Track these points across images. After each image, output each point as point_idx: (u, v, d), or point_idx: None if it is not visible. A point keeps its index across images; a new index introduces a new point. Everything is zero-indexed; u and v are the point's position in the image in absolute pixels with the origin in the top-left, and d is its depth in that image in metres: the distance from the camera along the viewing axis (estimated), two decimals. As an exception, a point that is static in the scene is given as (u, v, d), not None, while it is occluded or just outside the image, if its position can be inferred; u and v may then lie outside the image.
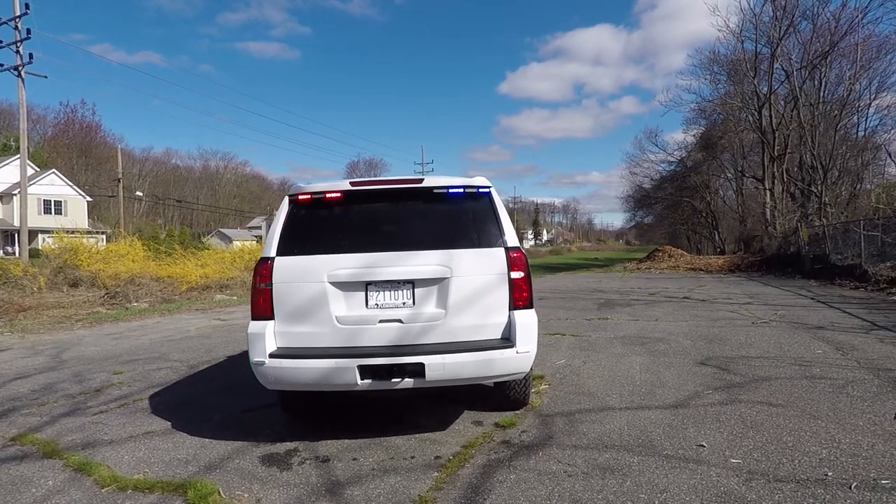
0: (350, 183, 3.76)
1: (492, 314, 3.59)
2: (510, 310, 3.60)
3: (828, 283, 15.16)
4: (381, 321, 3.52)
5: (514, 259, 3.62)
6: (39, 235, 39.70)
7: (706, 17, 55.38)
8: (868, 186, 30.54)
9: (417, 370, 3.36)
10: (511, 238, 3.69)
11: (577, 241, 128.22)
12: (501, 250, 3.64)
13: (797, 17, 27.73)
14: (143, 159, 78.80)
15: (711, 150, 42.76)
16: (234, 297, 17.38)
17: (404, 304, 3.56)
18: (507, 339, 3.55)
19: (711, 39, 76.22)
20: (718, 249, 44.19)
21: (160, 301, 15.81)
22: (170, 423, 4.26)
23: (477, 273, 3.57)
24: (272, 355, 3.45)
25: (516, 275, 3.60)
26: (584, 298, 13.10)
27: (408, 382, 3.41)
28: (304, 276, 3.55)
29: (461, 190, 3.77)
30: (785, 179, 29.36)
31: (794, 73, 27.95)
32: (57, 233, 22.05)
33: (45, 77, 26.30)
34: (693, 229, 54.95)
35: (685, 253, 32.60)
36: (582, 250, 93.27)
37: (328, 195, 3.75)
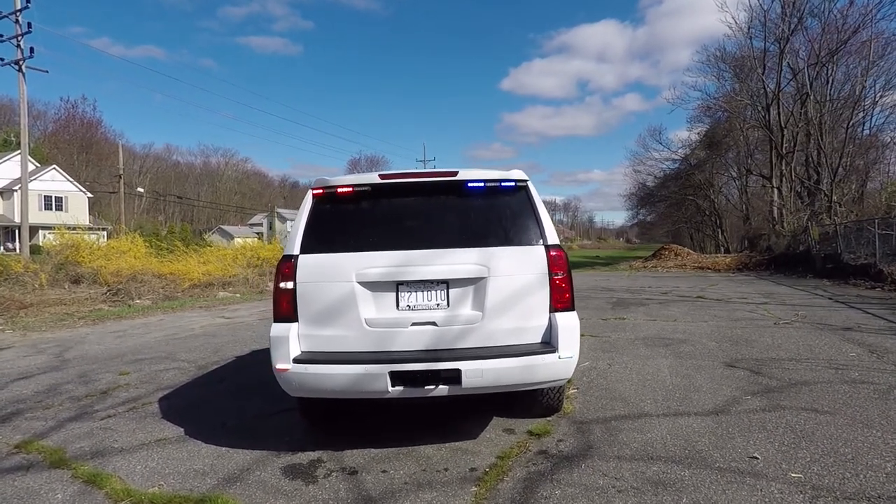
0: (379, 176, 3.52)
1: (532, 317, 3.36)
2: (550, 312, 3.37)
3: (842, 282, 14.91)
4: (413, 324, 3.29)
5: (555, 258, 3.38)
6: (40, 231, 39.49)
7: (712, 14, 55.19)
8: (871, 185, 30.39)
9: (453, 377, 3.12)
10: (551, 235, 3.46)
11: (577, 239, 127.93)
12: (541, 248, 3.41)
13: (805, 13, 27.43)
14: (143, 155, 78.61)
15: (716, 148, 42.49)
16: (238, 295, 17.17)
17: (438, 305, 3.33)
18: (548, 344, 3.33)
19: (717, 36, 75.70)
20: (723, 248, 43.95)
21: (162, 298, 15.60)
22: (182, 430, 4.03)
23: (515, 273, 3.34)
24: (296, 360, 3.22)
25: (557, 275, 3.37)
26: (595, 297, 12.88)
27: (442, 390, 3.18)
28: (331, 275, 3.32)
29: (497, 184, 3.53)
30: (793, 177, 29.09)
31: (805, 69, 27.65)
32: (58, 229, 21.81)
33: (47, 72, 25.73)
34: (696, 227, 54.72)
35: (692, 251, 32.33)
36: (583, 248, 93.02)
37: (355, 189, 3.51)
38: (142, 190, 58.40)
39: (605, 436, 3.69)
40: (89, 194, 51.27)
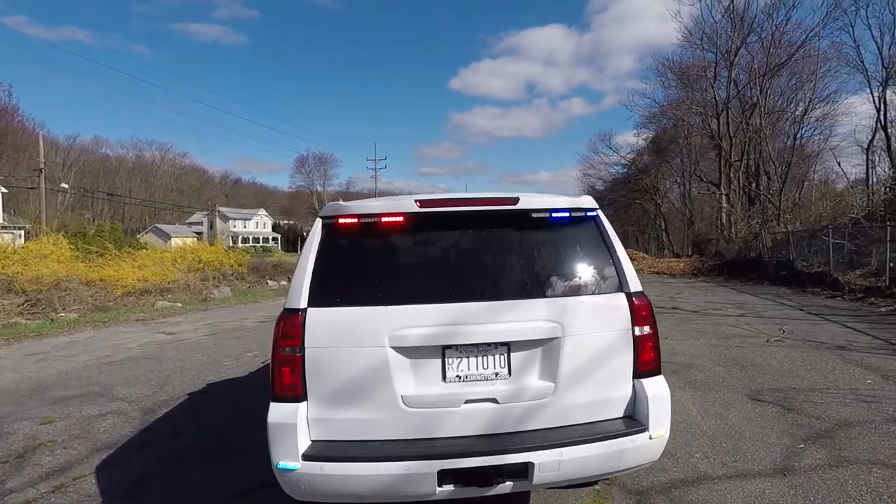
0: (417, 202, 2.63)
1: (612, 385, 2.61)
2: (634, 378, 2.64)
3: (799, 290, 15.21)
4: (467, 402, 2.47)
5: (639, 308, 2.64)
6: (-55, 229, 35.40)
7: (656, 23, 56.86)
8: (804, 193, 32.20)
9: (520, 471, 2.35)
10: (633, 280, 2.71)
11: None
12: (622, 297, 2.67)
13: (755, 27, 28.54)
14: (67, 147, 72.69)
15: (662, 153, 43.65)
16: (178, 304, 15.70)
17: (497, 374, 2.52)
18: (633, 419, 2.59)
19: (660, 45, 78.54)
20: (667, 250, 45.24)
21: (92, 309, 13.96)
22: (132, 525, 3.06)
23: (593, 330, 2.58)
24: (307, 456, 2.33)
25: (642, 331, 2.63)
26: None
27: (505, 487, 2.39)
28: (354, 336, 2.45)
29: (567, 214, 2.76)
30: (741, 185, 30.18)
31: (756, 80, 28.72)
32: (-34, 229, 19.32)
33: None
34: (641, 230, 56.19)
35: (646, 256, 32.95)
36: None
37: (384, 219, 2.61)
38: (66, 185, 53.63)
39: (675, 515, 3.04)
40: (4, 189, 46.61)
